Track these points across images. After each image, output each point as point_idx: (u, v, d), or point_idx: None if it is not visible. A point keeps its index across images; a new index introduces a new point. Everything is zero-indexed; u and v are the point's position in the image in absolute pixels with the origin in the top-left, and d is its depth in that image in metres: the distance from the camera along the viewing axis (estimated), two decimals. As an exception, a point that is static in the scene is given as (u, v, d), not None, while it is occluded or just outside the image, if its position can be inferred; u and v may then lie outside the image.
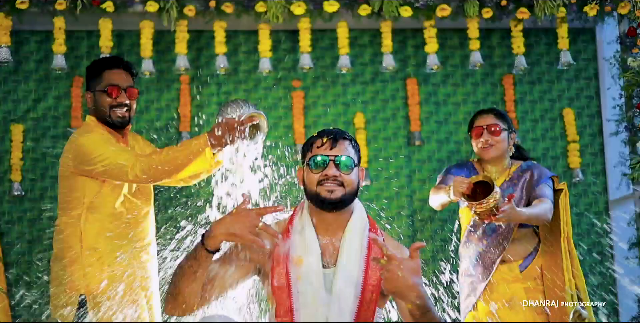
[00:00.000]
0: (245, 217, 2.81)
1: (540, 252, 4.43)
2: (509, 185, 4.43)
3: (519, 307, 4.35)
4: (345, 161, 3.11)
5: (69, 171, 4.06)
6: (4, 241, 5.50)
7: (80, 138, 4.03)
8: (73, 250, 4.01)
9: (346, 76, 5.86)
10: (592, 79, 5.91)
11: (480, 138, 4.46)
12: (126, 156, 3.89)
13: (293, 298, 3.07)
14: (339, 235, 3.17)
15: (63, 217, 4.09)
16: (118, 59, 4.29)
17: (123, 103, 4.10)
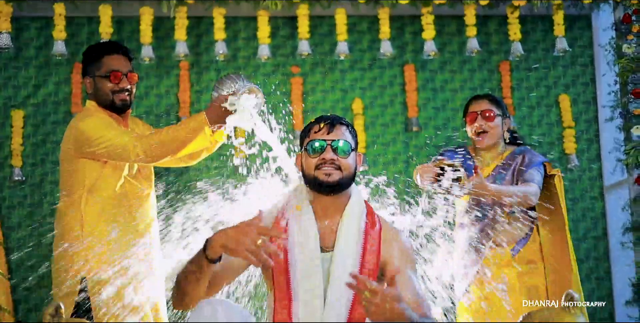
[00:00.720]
0: (245, 233, 2.78)
1: (535, 238, 4.47)
2: (501, 169, 4.46)
3: (511, 291, 4.40)
4: (343, 146, 3.16)
5: (70, 155, 4.09)
6: (5, 225, 5.55)
7: (80, 122, 4.06)
8: (74, 232, 4.04)
9: (344, 62, 5.89)
10: (588, 65, 5.93)
11: (475, 123, 4.49)
12: (127, 136, 3.92)
13: (291, 282, 3.12)
14: (336, 219, 3.23)
15: (64, 201, 4.13)
16: (116, 44, 4.32)
17: (125, 88, 4.13)
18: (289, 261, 3.14)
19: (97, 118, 4.05)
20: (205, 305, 2.85)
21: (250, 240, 2.74)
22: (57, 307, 2.66)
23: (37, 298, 5.45)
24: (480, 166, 4.49)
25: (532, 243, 4.44)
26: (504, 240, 4.41)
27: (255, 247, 2.73)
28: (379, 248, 3.19)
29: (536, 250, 4.44)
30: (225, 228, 2.87)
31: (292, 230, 3.20)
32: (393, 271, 3.07)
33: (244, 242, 2.75)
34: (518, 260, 4.40)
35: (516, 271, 4.39)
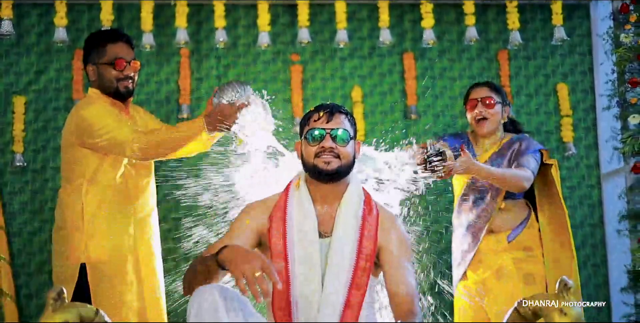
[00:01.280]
0: (250, 261, 2.80)
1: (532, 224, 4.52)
2: (498, 156, 4.51)
3: (507, 278, 4.45)
4: (342, 135, 3.21)
5: (71, 143, 4.12)
6: (7, 211, 5.58)
7: (82, 110, 4.09)
8: (75, 220, 4.08)
9: (344, 50, 5.92)
10: (586, 54, 5.96)
11: (475, 110, 4.54)
12: (126, 131, 3.96)
13: (289, 266, 3.18)
14: (335, 206, 3.28)
15: (65, 188, 4.17)
16: (119, 32, 4.35)
17: (129, 76, 4.17)
18: (287, 246, 3.20)
19: (100, 107, 4.08)
20: (203, 291, 2.90)
21: (251, 268, 2.76)
22: (60, 291, 2.67)
23: (38, 283, 5.49)
24: (479, 152, 4.54)
25: (528, 230, 4.48)
26: (500, 226, 4.46)
27: (252, 276, 2.75)
28: (376, 234, 3.25)
29: (534, 237, 4.48)
30: (239, 247, 2.90)
31: (292, 214, 3.25)
32: (389, 258, 3.15)
33: (244, 267, 2.77)
34: (514, 246, 4.45)
35: (512, 257, 4.43)
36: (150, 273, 4.22)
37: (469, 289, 4.54)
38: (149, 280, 4.21)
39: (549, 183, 4.54)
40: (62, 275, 4.07)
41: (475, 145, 4.61)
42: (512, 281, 4.39)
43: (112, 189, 4.11)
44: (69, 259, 4.07)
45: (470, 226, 4.51)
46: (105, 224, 4.08)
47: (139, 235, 4.18)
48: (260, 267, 2.76)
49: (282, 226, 3.23)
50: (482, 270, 4.48)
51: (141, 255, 4.18)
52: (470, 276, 4.53)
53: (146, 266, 4.21)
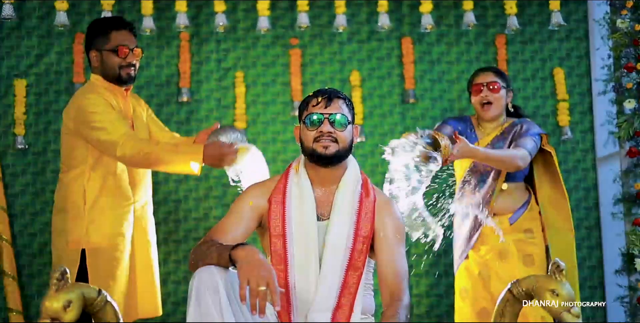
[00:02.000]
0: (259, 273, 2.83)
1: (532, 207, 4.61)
2: (500, 139, 4.60)
3: (509, 258, 4.55)
4: (340, 119, 3.27)
5: (70, 129, 4.18)
6: (9, 193, 5.61)
7: (83, 98, 4.14)
8: (76, 205, 4.14)
9: (343, 35, 5.93)
10: (582, 39, 5.96)
11: (480, 94, 4.62)
12: (121, 132, 4.02)
13: (288, 248, 3.25)
14: (333, 189, 3.35)
15: (66, 173, 4.21)
16: (123, 19, 4.41)
17: (131, 63, 4.23)
18: (286, 228, 3.27)
19: (100, 98, 4.12)
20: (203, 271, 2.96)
21: (257, 280, 2.81)
22: (64, 272, 2.72)
23: (39, 264, 5.54)
24: (481, 136, 4.63)
25: (529, 213, 4.59)
26: (502, 209, 4.55)
27: (256, 288, 2.80)
28: (373, 217, 3.31)
29: (534, 220, 4.59)
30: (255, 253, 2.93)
31: (290, 198, 3.31)
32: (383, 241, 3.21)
33: (251, 277, 2.82)
34: (516, 228, 4.56)
35: (513, 239, 4.55)
36: (145, 261, 4.30)
37: (471, 270, 4.62)
38: (143, 267, 4.28)
39: (550, 166, 4.65)
40: (62, 259, 4.12)
41: (478, 129, 4.70)
42: (513, 262, 4.51)
43: (113, 177, 4.18)
44: (69, 244, 4.12)
45: (472, 209, 4.60)
46: (106, 210, 4.14)
47: (137, 223, 4.25)
48: (266, 282, 2.81)
49: (281, 209, 3.29)
50: (485, 251, 4.58)
51: (137, 242, 4.25)
52: (472, 257, 4.62)
53: (141, 254, 4.28)
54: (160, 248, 5.34)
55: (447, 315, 5.60)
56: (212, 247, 3.06)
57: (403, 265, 3.31)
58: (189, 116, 5.80)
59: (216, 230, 3.29)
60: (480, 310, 4.59)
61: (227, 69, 5.87)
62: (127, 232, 4.20)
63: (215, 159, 4.03)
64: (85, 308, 2.75)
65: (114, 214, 4.16)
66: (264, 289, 2.81)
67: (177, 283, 5.60)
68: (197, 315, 2.89)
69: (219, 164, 4.07)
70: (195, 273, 2.96)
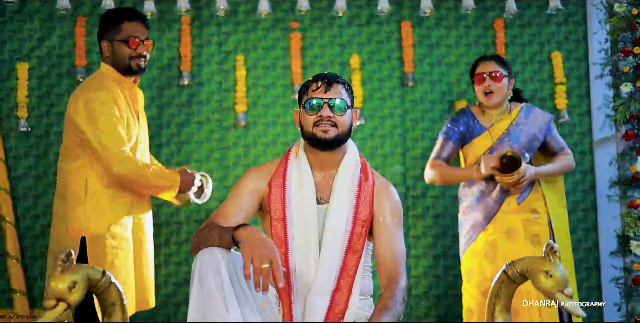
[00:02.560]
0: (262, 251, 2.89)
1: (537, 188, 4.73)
2: (515, 129, 4.71)
3: (516, 237, 4.65)
4: (339, 104, 3.30)
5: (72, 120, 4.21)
6: (12, 175, 5.65)
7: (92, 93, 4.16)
8: (77, 195, 4.18)
9: (342, 18, 5.94)
10: (580, 23, 5.97)
11: (483, 83, 4.70)
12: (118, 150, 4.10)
13: (288, 231, 3.29)
14: (332, 173, 3.39)
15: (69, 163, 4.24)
16: (135, 11, 4.44)
17: (142, 54, 4.27)
18: (286, 211, 3.31)
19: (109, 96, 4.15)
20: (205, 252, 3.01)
21: (260, 258, 2.87)
22: (69, 253, 2.73)
23: (42, 246, 5.57)
24: (487, 124, 4.73)
25: (534, 194, 4.79)
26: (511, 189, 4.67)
27: (259, 265, 2.86)
28: (372, 200, 3.36)
29: (539, 199, 4.76)
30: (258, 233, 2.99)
31: (291, 180, 3.35)
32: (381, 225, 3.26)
33: (254, 255, 2.89)
34: (523, 208, 4.75)
35: (521, 218, 4.68)
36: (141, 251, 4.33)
37: (478, 251, 4.71)
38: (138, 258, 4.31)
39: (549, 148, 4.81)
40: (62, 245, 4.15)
41: (482, 117, 4.79)
42: (521, 241, 4.66)
43: None
44: (69, 231, 4.16)
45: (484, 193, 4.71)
46: (107, 200, 4.18)
47: (136, 214, 4.29)
48: (269, 260, 2.87)
49: (281, 192, 3.33)
50: (493, 229, 4.68)
51: (135, 233, 4.30)
52: (480, 238, 4.70)
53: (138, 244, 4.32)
54: (161, 249, 5.43)
55: (445, 295, 5.66)
56: (214, 230, 3.11)
57: (401, 248, 3.36)
58: (190, 99, 5.83)
59: (217, 214, 3.34)
60: (486, 290, 4.65)
61: (227, 53, 5.89)
62: (127, 222, 4.25)
63: (188, 184, 4.38)
64: (89, 289, 2.78)
65: (114, 204, 4.20)
66: (267, 267, 2.87)
67: (177, 285, 5.63)
68: (199, 296, 2.94)
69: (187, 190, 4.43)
70: (198, 255, 3.01)
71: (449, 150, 4.85)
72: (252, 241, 2.93)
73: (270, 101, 5.88)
